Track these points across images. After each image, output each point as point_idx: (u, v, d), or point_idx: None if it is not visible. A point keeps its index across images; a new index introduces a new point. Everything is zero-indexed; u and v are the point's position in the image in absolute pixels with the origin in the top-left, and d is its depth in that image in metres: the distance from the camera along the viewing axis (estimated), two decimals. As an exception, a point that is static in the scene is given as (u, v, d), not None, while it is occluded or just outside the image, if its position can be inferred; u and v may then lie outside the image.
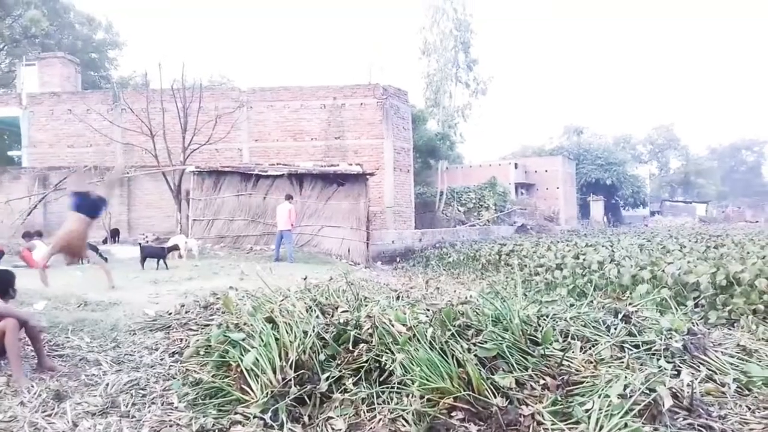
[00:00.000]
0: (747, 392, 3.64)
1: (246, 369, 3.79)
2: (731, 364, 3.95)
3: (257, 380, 3.68)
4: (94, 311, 6.69)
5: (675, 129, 79.51)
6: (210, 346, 4.60)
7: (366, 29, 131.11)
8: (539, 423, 2.97)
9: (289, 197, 16.00)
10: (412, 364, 3.47)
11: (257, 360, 3.81)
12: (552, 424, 2.93)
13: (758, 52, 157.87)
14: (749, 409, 3.38)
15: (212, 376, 4.15)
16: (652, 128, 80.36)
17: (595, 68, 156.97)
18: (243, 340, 4.22)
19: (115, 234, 20.46)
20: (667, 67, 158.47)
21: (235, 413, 3.58)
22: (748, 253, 10.46)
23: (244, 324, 4.66)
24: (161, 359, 4.99)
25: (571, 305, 5.36)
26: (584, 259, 11.39)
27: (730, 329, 6.01)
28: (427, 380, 3.33)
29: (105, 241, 19.18)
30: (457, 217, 34.66)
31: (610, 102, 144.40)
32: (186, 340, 5.43)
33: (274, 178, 18.83)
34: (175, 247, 14.01)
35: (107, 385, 4.19)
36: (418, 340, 3.67)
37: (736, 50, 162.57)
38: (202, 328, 5.80)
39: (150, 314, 6.60)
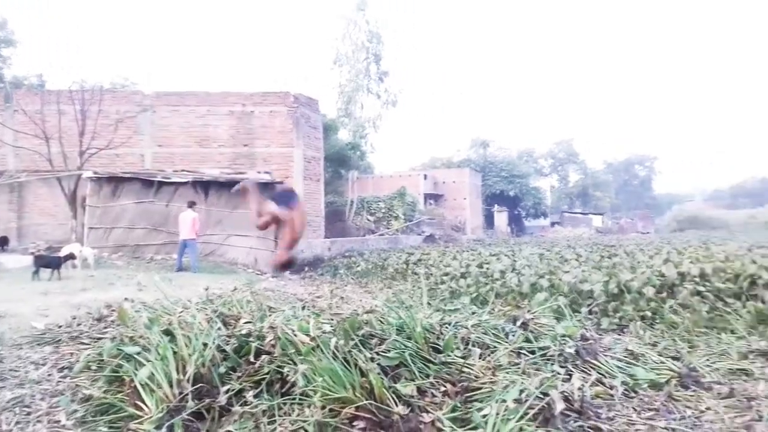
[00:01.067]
0: (633, 394, 3.85)
1: (140, 383, 3.62)
2: (619, 367, 4.16)
3: (152, 395, 3.52)
4: (-23, 324, 6.20)
5: (574, 144, 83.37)
6: (102, 360, 4.37)
7: (278, 37, 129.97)
8: (439, 429, 3.01)
9: (192, 204, 15.53)
10: (315, 375, 3.43)
11: (152, 374, 3.65)
12: (451, 430, 2.98)
13: (650, 72, 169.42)
14: (635, 410, 3.57)
15: (104, 392, 3.94)
16: (554, 143, 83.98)
17: (502, 83, 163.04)
18: (138, 353, 4.04)
19: (3, 242, 19.12)
20: (569, 84, 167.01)
21: (128, 430, 3.40)
22: (638, 262, 11.10)
23: (140, 337, 4.45)
24: (49, 375, 4.67)
25: (473, 313, 5.49)
26: (487, 268, 11.73)
27: (620, 335, 6.34)
28: (330, 390, 3.30)
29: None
30: (367, 227, 34.83)
31: (515, 117, 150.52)
32: (77, 355, 5.12)
33: (177, 185, 18.24)
34: (71, 256, 13.27)
35: (-13, 403, 3.88)
36: (322, 350, 3.64)
37: (630, 69, 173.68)
38: (95, 342, 5.50)
39: (38, 327, 6.19)
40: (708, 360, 4.97)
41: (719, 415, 3.47)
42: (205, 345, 3.92)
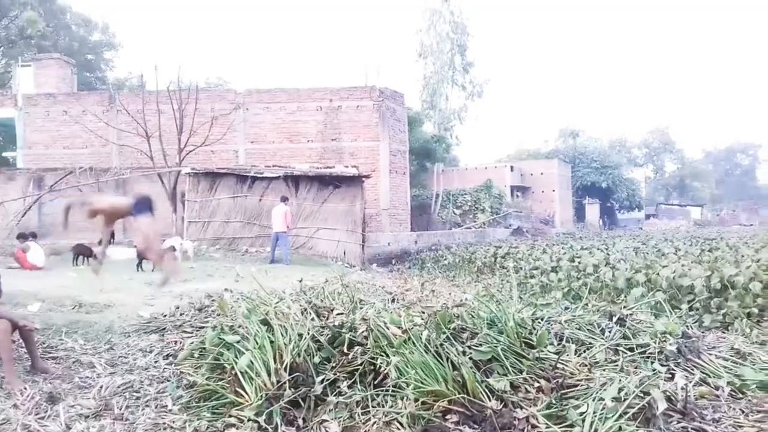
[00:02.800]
0: (741, 395, 3.65)
1: (240, 371, 3.77)
2: (725, 367, 3.96)
3: (251, 383, 3.66)
4: (89, 313, 6.66)
5: (670, 132, 79.56)
6: (204, 348, 4.58)
7: (363, 31, 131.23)
8: (533, 426, 2.98)
9: (284, 199, 15.98)
10: (407, 367, 3.47)
11: (252, 362, 3.80)
12: (546, 427, 2.94)
13: (753, 57, 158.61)
14: (743, 412, 3.39)
15: (206, 379, 4.14)
16: (648, 131, 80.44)
17: (591, 71, 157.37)
18: (238, 342, 4.21)
19: (111, 236, 20.36)
20: (663, 70, 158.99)
21: (230, 416, 3.56)
22: (742, 256, 10.48)
23: (239, 326, 4.64)
24: (155, 362, 4.97)
25: (566, 308, 5.36)
26: (579, 262, 11.40)
27: (724, 332, 6.02)
28: (422, 383, 3.32)
29: (99, 243, 19.09)
30: (452, 220, 34.67)
31: (605, 105, 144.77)
32: (180, 343, 5.41)
33: (269, 180, 18.79)
34: (172, 249, 13.95)
35: (101, 387, 4.17)
36: (413, 343, 3.66)
37: (731, 54, 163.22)
38: (197, 331, 5.79)
39: (144, 316, 6.57)
40: (824, 361, 4.64)
41: (836, 420, 3.24)
42: (301, 335, 4.03)
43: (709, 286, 7.44)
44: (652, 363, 3.79)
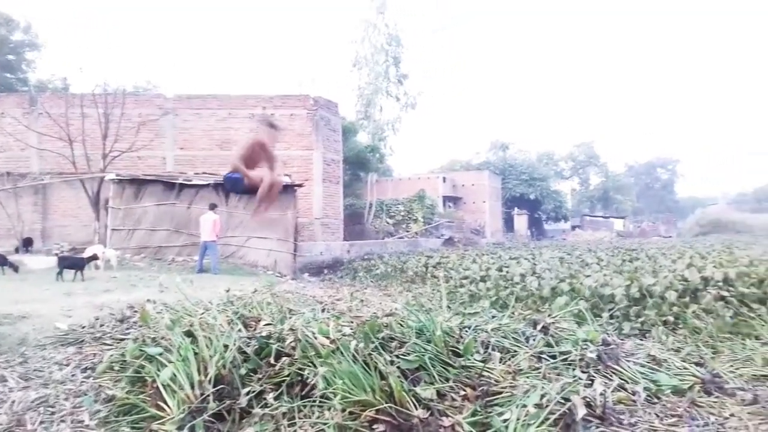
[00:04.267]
0: (656, 400, 3.79)
1: (162, 384, 3.64)
2: (642, 373, 4.10)
3: (174, 396, 3.55)
4: (1, 325, 6.31)
5: (595, 146, 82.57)
6: (125, 361, 4.41)
7: (298, 40, 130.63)
8: (459, 434, 3.00)
9: (213, 207, 15.67)
10: (335, 377, 3.44)
11: (174, 375, 3.68)
12: (471, 435, 2.97)
13: (672, 76, 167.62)
14: (657, 416, 3.52)
15: (126, 392, 3.98)
16: (574, 146, 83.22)
17: (520, 85, 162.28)
18: (160, 354, 4.07)
19: (27, 243, 19.43)
20: (589, 86, 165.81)
21: (150, 430, 3.44)
22: (660, 266, 10.98)
23: (162, 338, 4.49)
24: (72, 375, 4.73)
25: (493, 317, 5.45)
26: (507, 272, 11.67)
27: (642, 339, 6.26)
28: (350, 393, 3.30)
29: (17, 251, 18.19)
30: (385, 229, 34.85)
31: (534, 119, 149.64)
32: (99, 355, 5.18)
33: (199, 187, 18.40)
34: (94, 258, 13.44)
35: (13, 402, 3.94)
36: (342, 353, 3.64)
37: (651, 72, 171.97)
38: (117, 343, 5.56)
39: (62, 328, 6.27)
40: (732, 366, 4.89)
41: (743, 421, 3.41)
42: (226, 346, 3.94)
43: (628, 295, 7.74)
44: (574, 370, 3.89)
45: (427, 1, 74.68)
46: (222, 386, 3.63)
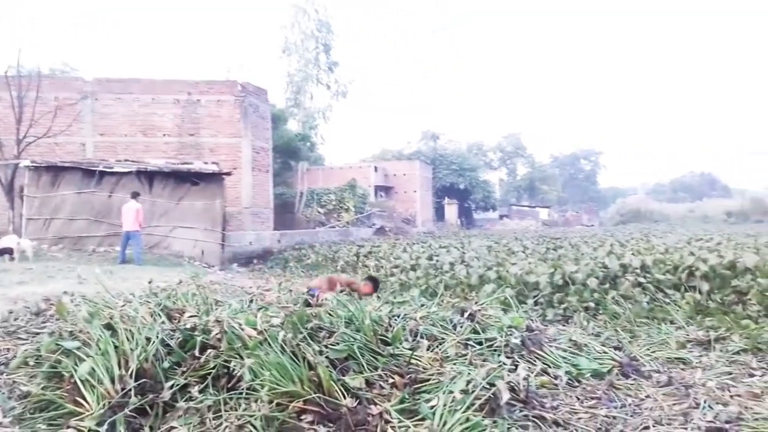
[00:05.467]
0: (577, 384, 3.94)
1: (80, 379, 3.49)
2: (564, 357, 4.25)
3: (93, 391, 3.41)
4: None
5: (522, 138, 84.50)
6: (41, 355, 4.21)
7: (226, 25, 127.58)
8: (387, 421, 3.01)
9: (135, 195, 15.13)
10: (262, 369, 3.38)
11: (93, 369, 3.53)
12: (399, 422, 2.98)
13: (596, 69, 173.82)
14: (578, 399, 3.65)
15: (42, 388, 3.79)
16: (502, 137, 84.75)
17: (451, 76, 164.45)
18: (78, 348, 3.90)
19: None
20: (515, 78, 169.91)
21: (68, 427, 3.29)
22: (582, 254, 11.38)
23: (80, 331, 4.30)
24: (-16, 372, 4.48)
25: (422, 305, 5.52)
26: (437, 261, 11.83)
27: (564, 325, 6.48)
28: (277, 384, 3.26)
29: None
30: (317, 219, 34.65)
31: (464, 109, 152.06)
32: (13, 350, 4.93)
33: (120, 175, 17.73)
34: (7, 250, 12.76)
35: None
36: (269, 344, 3.58)
37: (575, 65, 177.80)
38: (33, 337, 5.31)
39: (-29, 322, 5.92)
40: (648, 349, 5.13)
41: (658, 402, 3.58)
42: (149, 339, 3.82)
43: (552, 283, 7.98)
44: (499, 356, 3.99)
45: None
46: (144, 380, 3.52)
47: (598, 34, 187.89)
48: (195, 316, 4.37)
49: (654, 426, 3.16)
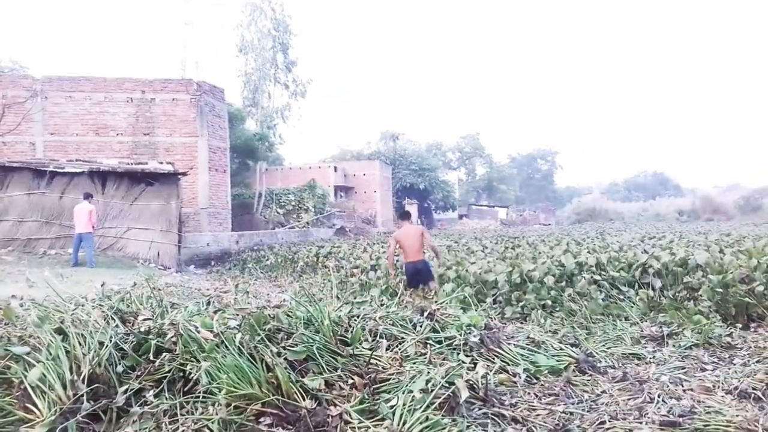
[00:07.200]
0: (535, 381, 3.98)
1: (30, 385, 3.38)
2: (522, 355, 4.29)
3: (44, 397, 3.30)
4: None
5: (480, 138, 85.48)
6: (-12, 361, 4.06)
7: (180, 22, 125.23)
8: (347, 422, 2.99)
9: (88, 196, 14.75)
10: (219, 372, 3.32)
11: (44, 375, 3.42)
12: (359, 423, 2.96)
13: (551, 68, 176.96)
14: (536, 396, 3.69)
15: (-9, 395, 3.66)
16: (461, 137, 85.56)
17: (409, 75, 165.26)
18: (28, 354, 3.77)
19: None
20: (472, 77, 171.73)
21: (18, 434, 3.18)
22: (539, 253, 11.55)
23: (30, 336, 4.16)
24: (-73, 379, 4.28)
25: (382, 305, 5.51)
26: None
27: (522, 323, 6.57)
28: (235, 387, 3.20)
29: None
30: (276, 219, 34.33)
31: (423, 110, 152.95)
32: (-41, 357, 4.73)
33: (72, 175, 17.25)
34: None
35: None
36: (226, 346, 3.52)
37: (531, 64, 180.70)
38: (-21, 343, 5.11)
39: None
40: (604, 345, 5.23)
41: (614, 398, 3.64)
42: (101, 343, 3.72)
43: (510, 281, 8.08)
44: (458, 354, 4.01)
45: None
46: (97, 385, 3.44)
47: (553, 34, 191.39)
48: (150, 319, 4.27)
49: (610, 421, 3.21)
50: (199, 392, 3.36)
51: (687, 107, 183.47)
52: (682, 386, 3.83)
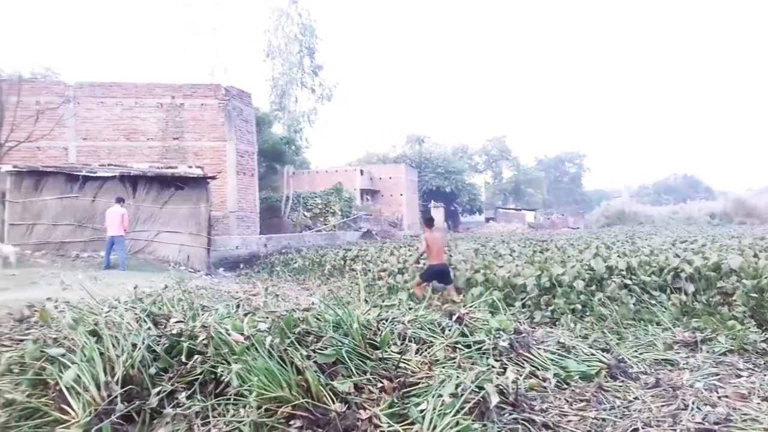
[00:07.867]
0: (565, 386, 3.94)
1: (66, 387, 3.44)
2: (552, 360, 4.25)
3: (79, 398, 3.35)
4: None
5: (507, 141, 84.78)
6: (25, 363, 4.14)
7: (209, 28, 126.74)
8: (376, 426, 2.99)
9: (120, 200, 15.00)
10: (250, 374, 3.35)
11: (79, 376, 3.48)
12: (388, 426, 2.96)
13: (580, 72, 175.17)
14: (567, 401, 3.65)
15: (27, 396, 3.73)
16: (487, 140, 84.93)
17: (436, 79, 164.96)
18: (63, 355, 3.84)
19: None
20: (500, 80, 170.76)
21: (54, 434, 3.24)
22: (568, 257, 11.43)
23: (65, 338, 4.24)
24: (-33, 380, 4.39)
25: (410, 308, 5.50)
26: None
27: (552, 327, 6.50)
28: (265, 390, 3.22)
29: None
30: (303, 223, 34.53)
31: (449, 113, 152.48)
32: (-3, 358, 4.85)
33: (104, 179, 17.55)
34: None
35: None
36: (257, 349, 3.55)
37: (559, 68, 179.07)
38: (16, 344, 5.22)
39: (-47, 330, 5.80)
40: (635, 351, 5.15)
41: (647, 404, 3.59)
42: (134, 345, 3.77)
43: (539, 285, 8.01)
44: (487, 359, 3.98)
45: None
46: (131, 387, 3.48)
47: (581, 35, 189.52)
48: (181, 321, 4.32)
49: (643, 428, 3.16)
50: (231, 394, 3.38)
51: (718, 108, 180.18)
52: (717, 393, 3.76)
